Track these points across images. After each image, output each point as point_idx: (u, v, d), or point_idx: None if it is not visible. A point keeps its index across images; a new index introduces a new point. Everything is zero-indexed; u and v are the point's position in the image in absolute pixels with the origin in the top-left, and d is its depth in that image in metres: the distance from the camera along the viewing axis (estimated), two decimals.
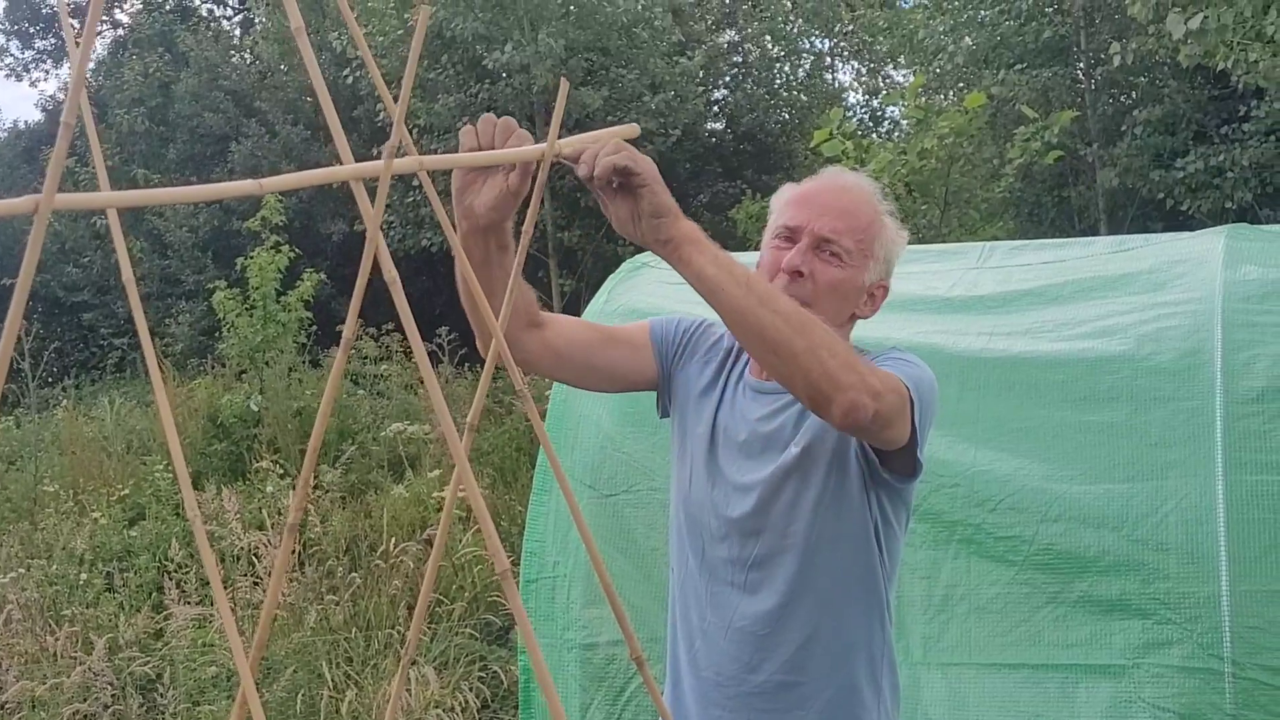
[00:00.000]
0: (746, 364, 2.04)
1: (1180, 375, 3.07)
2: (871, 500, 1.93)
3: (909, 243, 2.09)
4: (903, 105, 9.91)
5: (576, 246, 15.77)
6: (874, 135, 17.90)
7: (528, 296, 1.91)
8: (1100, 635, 3.00)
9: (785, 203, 2.00)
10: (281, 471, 7.35)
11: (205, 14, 25.32)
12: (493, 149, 1.58)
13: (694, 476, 2.03)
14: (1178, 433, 3.02)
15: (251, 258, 10.15)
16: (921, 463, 1.89)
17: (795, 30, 19.47)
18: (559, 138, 1.44)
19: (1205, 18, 7.67)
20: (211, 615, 5.40)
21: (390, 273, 0.97)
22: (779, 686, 1.95)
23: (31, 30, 26.34)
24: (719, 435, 2.01)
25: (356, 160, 0.91)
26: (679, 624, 2.07)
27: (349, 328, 0.99)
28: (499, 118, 1.59)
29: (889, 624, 2.01)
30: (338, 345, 4.88)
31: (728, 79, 19.10)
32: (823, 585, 1.94)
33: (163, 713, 4.89)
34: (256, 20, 20.69)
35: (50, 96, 25.89)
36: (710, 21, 18.70)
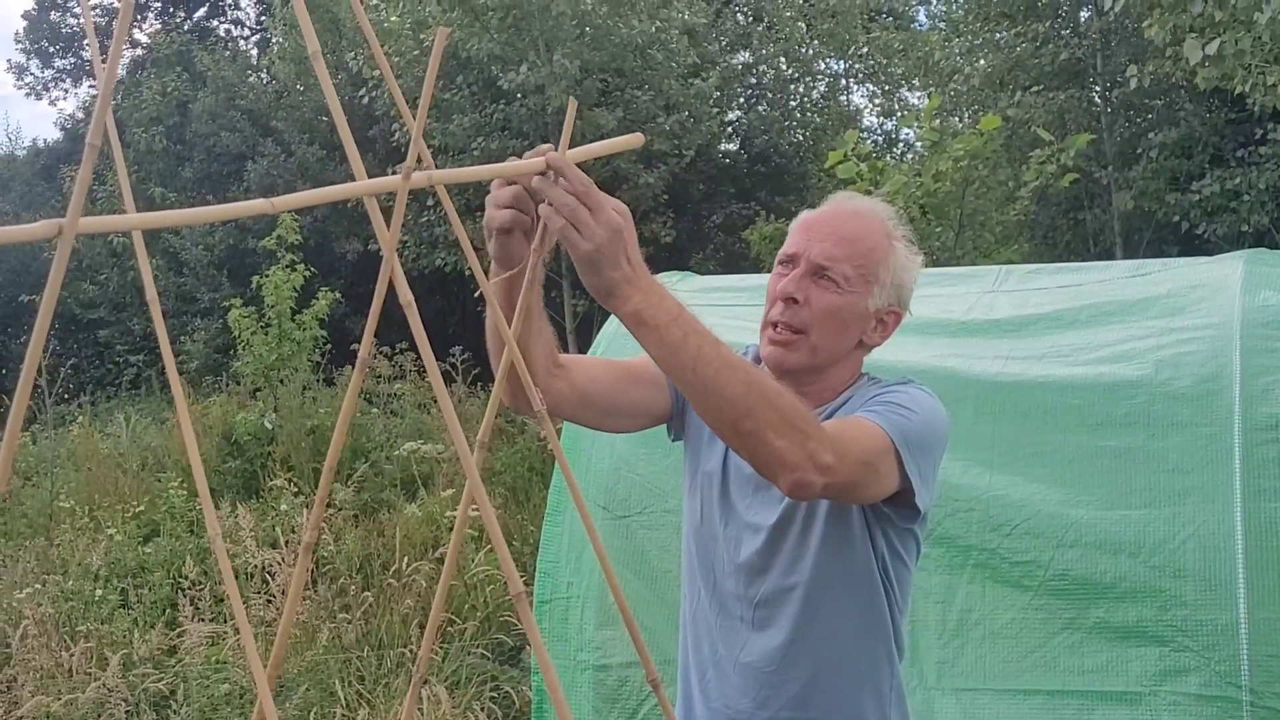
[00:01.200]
0: None
1: (1198, 401, 3.05)
2: (876, 537, 1.93)
3: (923, 266, 2.08)
4: (918, 127, 9.89)
5: None
6: (888, 157, 17.90)
7: (550, 340, 1.90)
8: (1116, 662, 2.97)
9: (792, 228, 2.01)
10: (295, 489, 7.36)
11: (223, 34, 25.58)
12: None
13: (705, 511, 2.04)
14: (1195, 459, 3.00)
15: (267, 276, 10.19)
16: (921, 508, 1.88)
17: (810, 52, 19.51)
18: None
19: (1223, 43, 7.65)
20: (225, 633, 5.40)
21: (406, 296, 0.97)
22: None
23: (51, 50, 26.57)
24: (731, 472, 2.01)
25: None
26: (691, 653, 2.07)
27: (364, 347, 0.99)
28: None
29: (897, 658, 2.00)
30: (352, 364, 4.87)
31: (742, 100, 19.14)
32: (827, 623, 1.94)
33: None
34: (273, 40, 20.82)
35: (69, 115, 26.15)
36: (725, 43, 18.73)
